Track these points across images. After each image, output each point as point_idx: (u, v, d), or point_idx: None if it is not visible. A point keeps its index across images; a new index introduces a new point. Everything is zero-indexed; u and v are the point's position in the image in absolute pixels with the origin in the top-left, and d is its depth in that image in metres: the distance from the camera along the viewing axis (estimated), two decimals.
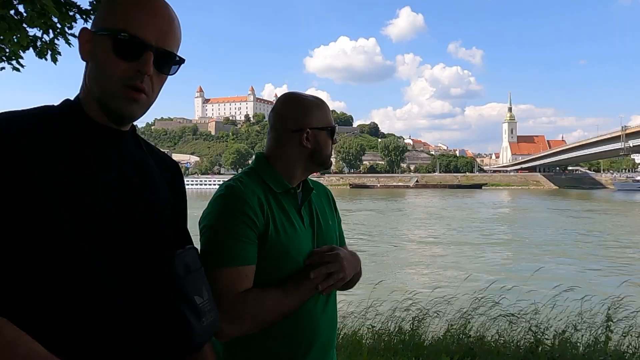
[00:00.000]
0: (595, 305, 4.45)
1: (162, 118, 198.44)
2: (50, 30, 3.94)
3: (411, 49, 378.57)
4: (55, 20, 3.80)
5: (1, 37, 3.84)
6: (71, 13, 3.92)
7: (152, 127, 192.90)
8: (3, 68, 4.16)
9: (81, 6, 3.90)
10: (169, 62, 0.95)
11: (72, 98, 0.97)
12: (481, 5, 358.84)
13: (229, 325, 1.19)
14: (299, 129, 1.41)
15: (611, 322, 4.25)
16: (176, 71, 1.01)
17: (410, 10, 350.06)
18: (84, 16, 3.94)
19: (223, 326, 1.15)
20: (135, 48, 0.89)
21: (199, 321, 0.96)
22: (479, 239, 24.00)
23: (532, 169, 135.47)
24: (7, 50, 4.03)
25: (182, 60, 0.99)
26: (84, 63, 0.95)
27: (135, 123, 1.02)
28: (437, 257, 18.75)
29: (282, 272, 1.31)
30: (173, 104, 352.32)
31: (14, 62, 4.13)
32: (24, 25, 3.78)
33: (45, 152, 0.83)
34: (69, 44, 4.05)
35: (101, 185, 0.88)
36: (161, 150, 1.15)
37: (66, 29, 3.96)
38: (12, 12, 3.64)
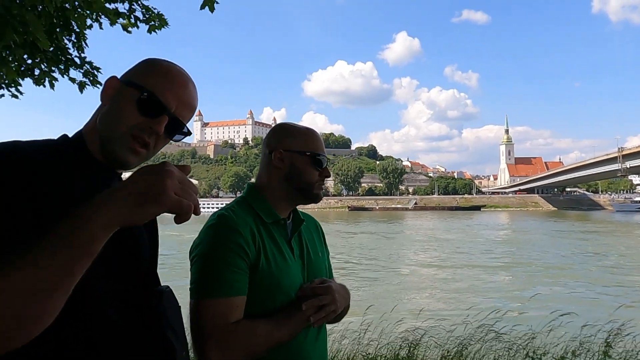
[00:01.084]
0: (594, 329, 4.40)
1: None
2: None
3: (408, 73, 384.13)
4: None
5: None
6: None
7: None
8: (2, 95, 4.23)
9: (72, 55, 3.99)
10: (177, 129, 1.02)
11: (69, 133, 1.02)
12: (475, 29, 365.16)
13: (218, 355, 1.19)
14: (272, 150, 1.41)
15: (610, 348, 4.19)
16: (180, 140, 1.08)
17: (407, 35, 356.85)
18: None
19: (212, 357, 1.18)
20: (156, 107, 0.96)
21: (182, 352, 1.01)
22: (479, 262, 23.84)
23: (530, 191, 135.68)
24: (6, 77, 4.11)
25: (189, 133, 1.07)
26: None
27: None
28: (436, 281, 18.60)
29: (273, 304, 1.29)
30: None
31: (12, 89, 4.20)
32: (24, 57, 3.88)
33: (51, 182, 0.87)
34: (51, 84, 4.13)
35: None
36: None
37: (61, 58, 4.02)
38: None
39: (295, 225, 1.45)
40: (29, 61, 4.00)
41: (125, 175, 0.92)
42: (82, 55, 4.03)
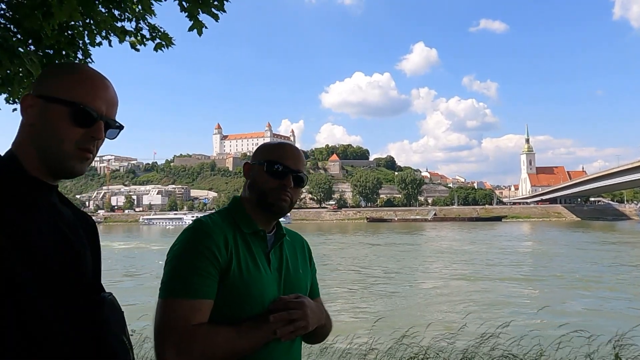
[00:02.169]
0: (603, 343, 4.27)
1: (181, 155, 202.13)
2: None
3: (426, 83, 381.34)
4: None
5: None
6: None
7: (172, 164, 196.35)
8: (15, 109, 4.42)
9: None
10: (111, 127, 1.09)
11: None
12: (494, 39, 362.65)
13: (174, 356, 1.19)
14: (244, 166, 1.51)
15: None
16: (116, 135, 1.14)
17: (424, 46, 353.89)
18: None
19: (168, 357, 1.19)
20: (91, 117, 1.02)
21: (127, 357, 1.04)
22: (504, 275, 23.37)
23: (552, 201, 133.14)
24: (20, 91, 4.30)
25: (122, 127, 1.14)
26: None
27: (155, 160, 1.38)
28: (457, 294, 18.30)
29: (243, 313, 1.30)
30: (192, 141, 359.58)
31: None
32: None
33: None
34: None
35: (45, 238, 0.96)
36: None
37: None
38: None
39: (277, 239, 1.47)
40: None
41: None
42: None
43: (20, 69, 3.37)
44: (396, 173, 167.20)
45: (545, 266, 26.18)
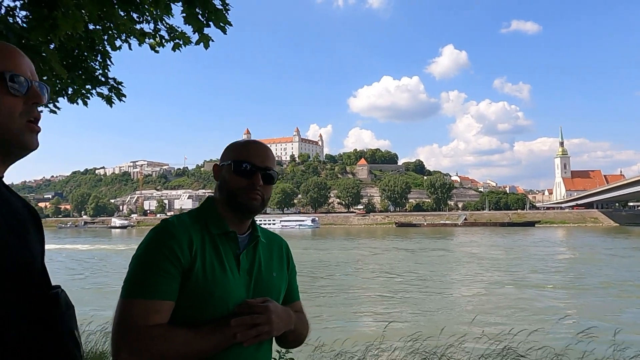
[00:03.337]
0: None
1: (211, 160, 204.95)
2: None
3: (455, 86, 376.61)
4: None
5: None
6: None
7: (202, 169, 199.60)
8: (42, 111, 4.52)
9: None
10: (41, 89, 1.06)
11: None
12: (526, 40, 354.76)
13: (128, 356, 1.18)
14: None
15: None
16: (47, 99, 1.11)
17: (454, 48, 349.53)
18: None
19: (123, 356, 1.18)
20: (22, 83, 1.00)
21: (78, 353, 1.02)
22: (538, 282, 22.63)
23: (588, 206, 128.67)
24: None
25: (48, 87, 1.12)
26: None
27: (186, 165, 1.36)
28: (492, 302, 17.81)
29: (205, 315, 1.28)
30: (222, 146, 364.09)
31: (50, 105, 4.50)
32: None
33: None
34: (84, 101, 4.37)
35: None
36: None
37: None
38: None
39: (250, 240, 1.44)
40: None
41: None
42: (108, 73, 4.23)
43: (41, 69, 3.40)
44: (425, 177, 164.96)
45: (590, 274, 25.13)
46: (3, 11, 3.41)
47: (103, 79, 4.26)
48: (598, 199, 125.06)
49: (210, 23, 3.56)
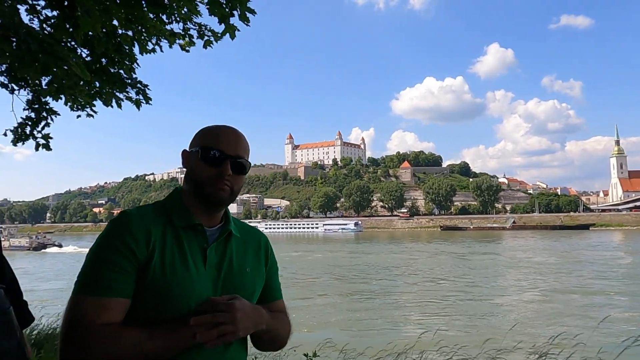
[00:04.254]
0: None
1: (254, 165, 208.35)
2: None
3: (502, 85, 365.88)
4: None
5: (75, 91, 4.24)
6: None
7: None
8: (79, 116, 4.60)
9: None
10: None
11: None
12: (576, 35, 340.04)
13: (73, 355, 1.12)
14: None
15: None
16: None
17: (499, 47, 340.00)
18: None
19: (68, 355, 1.13)
20: None
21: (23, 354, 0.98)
22: (603, 289, 21.33)
23: None
24: (81, 100, 4.49)
25: None
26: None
27: None
28: (543, 310, 16.97)
29: (165, 314, 1.19)
30: (265, 151, 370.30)
31: (87, 109, 4.56)
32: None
33: None
34: (118, 104, 4.43)
35: None
36: None
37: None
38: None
39: (221, 234, 1.32)
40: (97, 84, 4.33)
41: None
42: (134, 75, 4.22)
43: (68, 73, 3.40)
44: (471, 179, 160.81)
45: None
46: (25, 14, 3.43)
47: (129, 81, 4.27)
48: None
49: (235, 12, 3.45)
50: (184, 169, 1.35)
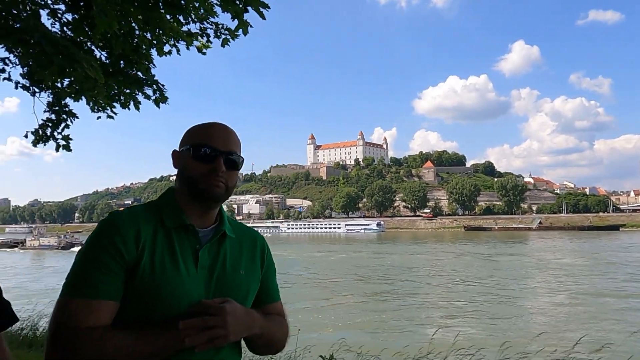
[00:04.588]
0: None
1: (277, 165, 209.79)
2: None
3: (527, 83, 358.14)
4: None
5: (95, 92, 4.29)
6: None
7: (268, 174, 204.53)
8: (99, 117, 4.66)
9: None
10: None
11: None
12: (605, 31, 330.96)
13: (57, 358, 1.11)
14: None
15: None
16: None
17: (524, 44, 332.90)
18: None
19: (52, 358, 1.12)
20: None
21: None
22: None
23: None
24: (101, 101, 4.54)
25: None
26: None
27: (253, 171, 1.22)
28: (575, 314, 16.50)
29: (154, 317, 1.16)
30: (287, 152, 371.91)
31: (108, 110, 4.61)
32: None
33: None
34: (136, 106, 4.48)
35: None
36: None
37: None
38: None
39: (214, 234, 1.30)
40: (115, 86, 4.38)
41: None
42: (151, 73, 4.26)
43: (85, 75, 3.43)
44: (496, 179, 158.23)
45: None
46: (47, 18, 3.46)
47: (147, 81, 4.30)
48: None
49: (249, 8, 3.42)
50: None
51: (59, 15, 3.93)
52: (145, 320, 1.16)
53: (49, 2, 3.90)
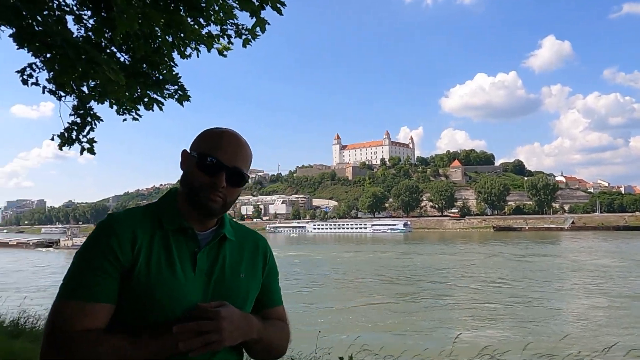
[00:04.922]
0: None
1: (302, 166, 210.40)
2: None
3: (558, 80, 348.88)
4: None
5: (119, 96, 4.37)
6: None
7: (294, 175, 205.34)
8: (125, 119, 4.75)
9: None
10: None
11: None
12: (639, 23, 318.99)
13: None
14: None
15: None
16: None
17: (555, 39, 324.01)
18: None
19: None
20: None
21: None
22: None
23: None
24: (126, 104, 4.62)
25: None
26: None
27: (279, 171, 1.15)
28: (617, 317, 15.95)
29: (150, 320, 1.15)
30: (313, 152, 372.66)
31: (133, 113, 4.69)
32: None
33: None
34: (160, 107, 4.55)
35: None
36: None
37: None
38: None
39: (214, 238, 1.28)
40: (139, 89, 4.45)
41: None
42: (174, 72, 4.32)
43: (108, 78, 3.48)
44: (525, 178, 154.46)
45: None
46: (73, 23, 3.53)
47: (170, 82, 4.37)
48: None
49: (266, 6, 3.40)
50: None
51: (84, 20, 4.01)
52: (141, 323, 1.14)
53: (74, 8, 3.99)
